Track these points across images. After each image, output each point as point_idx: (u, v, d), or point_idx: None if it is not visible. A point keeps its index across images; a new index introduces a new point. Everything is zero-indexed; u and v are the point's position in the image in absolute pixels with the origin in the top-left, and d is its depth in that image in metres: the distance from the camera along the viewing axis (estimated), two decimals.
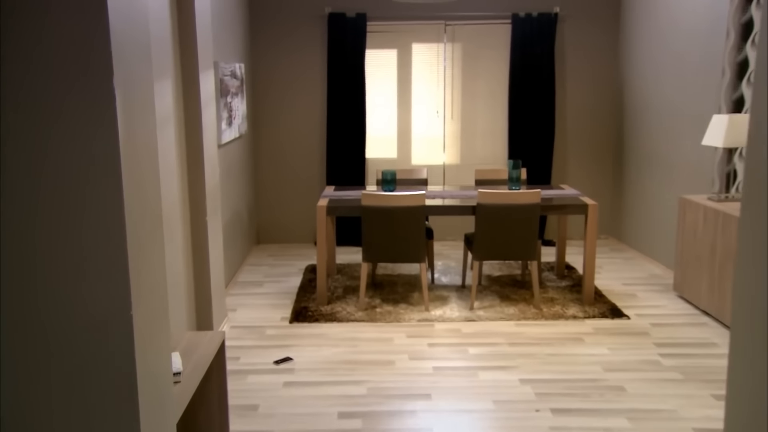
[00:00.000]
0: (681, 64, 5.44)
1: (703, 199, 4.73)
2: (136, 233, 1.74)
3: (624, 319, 4.64)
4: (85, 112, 1.61)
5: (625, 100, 6.50)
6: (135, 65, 1.75)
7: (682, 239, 4.91)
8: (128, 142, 1.69)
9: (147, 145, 1.85)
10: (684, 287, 4.92)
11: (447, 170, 6.79)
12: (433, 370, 3.88)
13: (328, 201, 4.95)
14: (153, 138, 1.89)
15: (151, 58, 1.88)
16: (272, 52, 6.54)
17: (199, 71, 4.01)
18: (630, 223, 6.47)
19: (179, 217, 3.88)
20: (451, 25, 6.55)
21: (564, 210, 4.85)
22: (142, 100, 1.80)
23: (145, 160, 1.83)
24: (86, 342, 1.71)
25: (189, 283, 4.07)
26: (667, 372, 3.81)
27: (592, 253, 4.81)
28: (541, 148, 6.63)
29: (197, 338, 2.98)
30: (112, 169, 1.64)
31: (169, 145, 3.71)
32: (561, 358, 4.02)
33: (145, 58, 1.83)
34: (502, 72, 6.63)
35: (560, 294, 5.13)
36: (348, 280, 5.52)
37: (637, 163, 6.28)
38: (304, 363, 3.98)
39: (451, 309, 4.83)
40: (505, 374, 3.81)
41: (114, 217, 1.66)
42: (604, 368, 3.87)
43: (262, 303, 5.05)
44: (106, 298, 1.69)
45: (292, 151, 6.72)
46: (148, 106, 1.86)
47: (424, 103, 6.69)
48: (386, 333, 4.43)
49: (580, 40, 6.61)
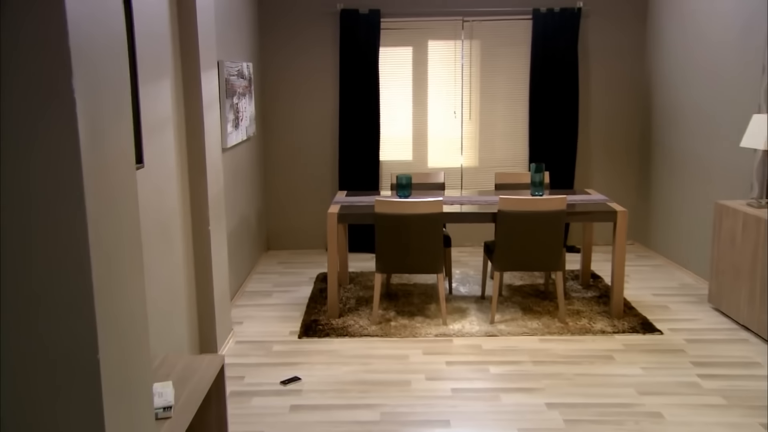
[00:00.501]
0: (715, 61, 5.10)
1: (742, 205, 4.40)
2: (106, 260, 1.48)
3: (656, 334, 4.33)
4: (42, 118, 1.35)
5: (652, 100, 6.16)
6: (103, 64, 1.48)
7: (718, 247, 4.58)
8: (94, 153, 1.43)
9: (121, 156, 1.58)
10: (721, 299, 4.60)
11: (464, 173, 6.50)
12: (451, 392, 3.59)
13: (339, 208, 4.68)
14: (128, 148, 1.62)
15: (125, 57, 1.61)
16: (282, 51, 6.28)
17: (201, 71, 3.75)
18: (658, 229, 6.14)
19: (179, 228, 3.63)
20: (469, 21, 6.25)
21: (591, 217, 4.54)
22: (113, 104, 1.54)
23: (118, 174, 1.56)
24: (45, 390, 1.44)
25: (191, 298, 3.82)
26: (708, 396, 3.49)
27: (621, 264, 4.50)
28: (564, 151, 6.32)
29: (194, 364, 2.72)
30: (73, 185, 1.37)
31: (168, 149, 3.46)
32: (590, 378, 3.72)
33: (117, 57, 1.56)
34: (523, 70, 6.32)
35: (586, 306, 4.82)
36: (361, 290, 5.25)
37: (666, 165, 5.94)
38: (313, 383, 3.71)
39: (471, 323, 4.54)
40: (530, 397, 3.51)
41: (75, 242, 1.39)
42: (639, 391, 3.56)
43: (270, 315, 4.79)
44: (67, 339, 1.43)
45: (304, 153, 6.46)
46: (122, 111, 1.59)
47: (440, 103, 6.40)
48: (401, 349, 4.15)
49: (604, 37, 6.29)
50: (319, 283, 5.48)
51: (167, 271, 3.42)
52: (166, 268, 3.41)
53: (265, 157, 6.44)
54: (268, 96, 6.35)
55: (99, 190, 1.45)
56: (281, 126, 6.40)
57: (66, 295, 1.41)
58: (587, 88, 6.37)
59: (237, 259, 5.20)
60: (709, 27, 5.18)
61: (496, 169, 6.48)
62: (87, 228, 1.39)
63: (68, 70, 1.33)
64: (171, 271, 3.48)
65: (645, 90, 6.31)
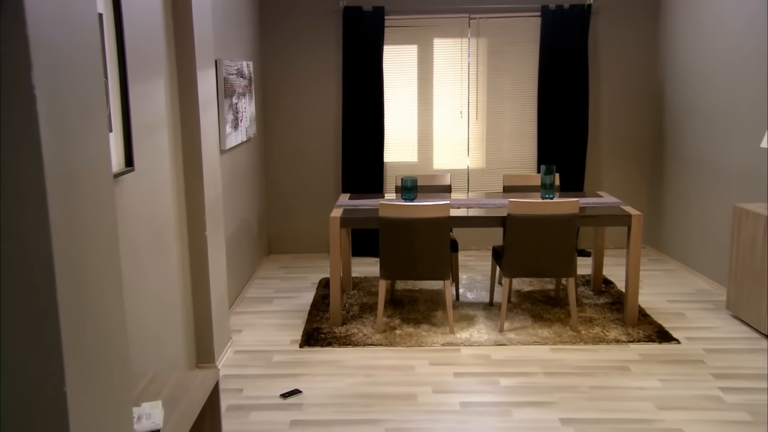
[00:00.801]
0: (732, 57, 4.91)
1: (762, 208, 4.22)
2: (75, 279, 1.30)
3: (673, 343, 4.14)
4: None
5: (665, 99, 5.97)
6: (72, 57, 1.31)
7: (737, 252, 4.39)
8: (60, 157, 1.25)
9: (94, 160, 1.41)
10: (740, 306, 4.41)
11: (471, 175, 6.31)
12: (460, 406, 3.41)
13: (342, 212, 4.50)
14: (102, 150, 1.45)
15: (98, 49, 1.44)
16: (283, 49, 6.11)
17: (197, 69, 3.58)
18: (671, 232, 5.95)
19: (174, 234, 3.46)
20: (475, 19, 6.07)
21: (604, 221, 4.36)
22: (85, 102, 1.36)
23: (91, 180, 1.39)
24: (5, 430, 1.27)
25: (187, 307, 3.65)
26: (732, 411, 3.30)
27: (636, 270, 4.31)
28: (574, 152, 6.13)
29: (186, 381, 2.55)
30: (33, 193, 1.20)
31: (162, 152, 3.29)
32: (606, 392, 3.53)
33: (89, 48, 1.39)
34: (531, 69, 6.14)
35: (599, 313, 4.64)
36: (364, 297, 5.07)
37: (680, 167, 5.75)
38: (315, 397, 3.54)
39: (479, 331, 4.36)
40: (543, 412, 3.33)
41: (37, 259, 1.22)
42: (657, 405, 3.38)
43: (271, 323, 4.61)
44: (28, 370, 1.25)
45: (305, 154, 6.28)
46: (96, 110, 1.42)
47: (446, 102, 6.22)
48: (407, 360, 3.97)
49: (615, 34, 6.10)
50: (321, 288, 5.31)
51: (162, 280, 3.25)
52: (161, 277, 3.24)
53: (266, 158, 6.27)
54: (269, 96, 6.18)
55: (66, 199, 1.28)
56: (282, 126, 6.23)
57: (26, 320, 1.23)
58: (597, 87, 6.18)
59: (237, 264, 5.03)
60: (726, 21, 4.99)
61: (503, 170, 6.30)
62: (51, 243, 1.22)
63: (27, 63, 1.16)
64: (166, 279, 3.31)
65: (657, 88, 6.12)
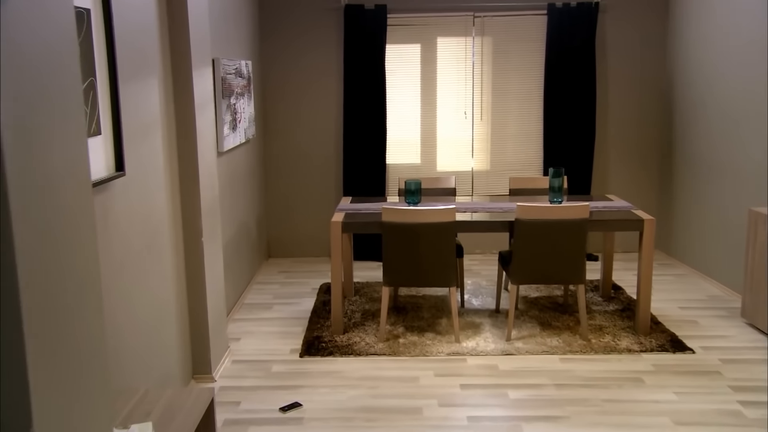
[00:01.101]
0: (745, 55, 4.76)
1: None
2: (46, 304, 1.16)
3: (688, 353, 3.99)
4: None
5: (675, 100, 5.82)
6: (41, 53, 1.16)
7: (752, 258, 4.24)
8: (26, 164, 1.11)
9: (70, 168, 1.26)
10: (756, 314, 4.25)
11: (475, 177, 6.17)
12: (467, 420, 3.26)
13: (343, 216, 4.35)
14: (79, 157, 1.30)
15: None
16: (283, 48, 5.96)
17: (193, 68, 3.43)
18: (682, 236, 5.80)
19: (169, 240, 3.31)
20: (480, 17, 5.92)
21: (615, 226, 4.21)
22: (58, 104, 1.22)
23: (65, 190, 1.24)
24: None
25: (182, 316, 3.50)
26: (754, 428, 3.15)
27: (648, 276, 4.16)
28: (581, 154, 5.98)
29: (179, 399, 2.40)
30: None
31: (156, 155, 3.14)
32: (619, 405, 3.38)
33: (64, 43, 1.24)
34: (537, 68, 5.99)
35: (609, 321, 4.48)
36: (367, 303, 4.92)
37: (690, 168, 5.60)
38: (315, 410, 3.38)
39: (485, 340, 4.21)
40: (555, 427, 3.18)
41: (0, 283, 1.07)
42: (674, 420, 3.23)
43: (270, 330, 4.46)
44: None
45: (306, 156, 6.13)
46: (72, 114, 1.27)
47: (450, 103, 6.07)
48: (411, 370, 3.82)
49: (623, 33, 5.95)
50: (322, 294, 5.16)
51: (155, 290, 3.10)
52: (154, 287, 3.09)
53: (266, 160, 6.12)
54: (269, 96, 6.04)
55: (34, 212, 1.13)
56: (282, 127, 6.09)
57: None
58: (605, 86, 6.03)
59: (235, 269, 4.88)
60: (739, 18, 4.83)
61: (508, 172, 6.15)
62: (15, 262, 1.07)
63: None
64: (160, 289, 3.16)
65: (667, 89, 5.97)
